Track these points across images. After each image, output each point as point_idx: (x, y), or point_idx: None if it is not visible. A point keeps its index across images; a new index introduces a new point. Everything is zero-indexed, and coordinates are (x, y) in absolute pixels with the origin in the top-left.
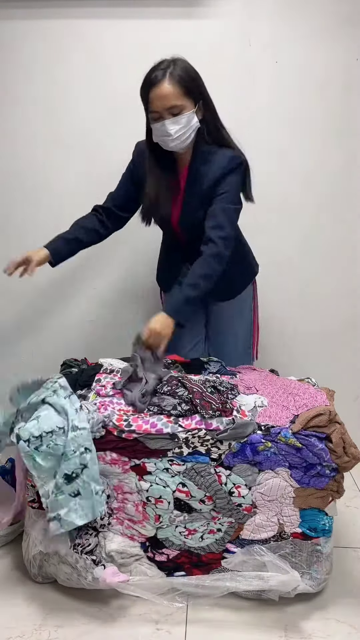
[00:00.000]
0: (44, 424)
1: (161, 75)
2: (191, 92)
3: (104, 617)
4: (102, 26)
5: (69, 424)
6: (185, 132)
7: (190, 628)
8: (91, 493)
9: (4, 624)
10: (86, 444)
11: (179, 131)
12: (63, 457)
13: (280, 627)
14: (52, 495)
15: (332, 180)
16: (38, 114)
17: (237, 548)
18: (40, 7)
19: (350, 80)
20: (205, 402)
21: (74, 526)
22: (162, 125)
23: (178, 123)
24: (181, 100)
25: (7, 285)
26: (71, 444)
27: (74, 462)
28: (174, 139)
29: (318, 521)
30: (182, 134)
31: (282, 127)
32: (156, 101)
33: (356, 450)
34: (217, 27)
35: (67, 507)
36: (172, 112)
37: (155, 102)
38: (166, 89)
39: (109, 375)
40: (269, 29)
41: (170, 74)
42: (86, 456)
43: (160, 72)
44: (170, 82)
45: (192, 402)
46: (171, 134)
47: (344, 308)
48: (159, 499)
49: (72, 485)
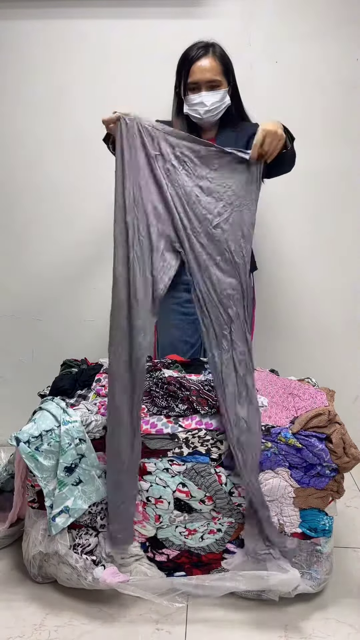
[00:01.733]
0: (42, 423)
1: (204, 51)
2: (228, 72)
3: (104, 617)
4: (102, 26)
5: (60, 420)
6: (219, 106)
7: (190, 628)
8: (93, 478)
9: (4, 624)
10: (79, 435)
11: (215, 104)
12: (60, 452)
13: (280, 627)
14: (57, 490)
15: (333, 180)
16: (38, 113)
17: (237, 548)
18: (41, 7)
19: (350, 80)
20: (202, 399)
21: (83, 511)
22: (199, 96)
23: (214, 96)
24: (220, 76)
25: (6, 285)
26: (65, 437)
27: (71, 454)
28: (208, 110)
29: (318, 521)
30: (215, 107)
31: None
32: (198, 73)
33: (356, 450)
34: (217, 27)
35: (72, 497)
36: (211, 84)
37: (197, 74)
38: (210, 63)
39: None
40: (269, 29)
41: (213, 52)
42: (82, 446)
43: (202, 49)
44: (213, 58)
45: (189, 398)
46: (207, 105)
47: (344, 308)
48: (159, 499)
49: (73, 475)
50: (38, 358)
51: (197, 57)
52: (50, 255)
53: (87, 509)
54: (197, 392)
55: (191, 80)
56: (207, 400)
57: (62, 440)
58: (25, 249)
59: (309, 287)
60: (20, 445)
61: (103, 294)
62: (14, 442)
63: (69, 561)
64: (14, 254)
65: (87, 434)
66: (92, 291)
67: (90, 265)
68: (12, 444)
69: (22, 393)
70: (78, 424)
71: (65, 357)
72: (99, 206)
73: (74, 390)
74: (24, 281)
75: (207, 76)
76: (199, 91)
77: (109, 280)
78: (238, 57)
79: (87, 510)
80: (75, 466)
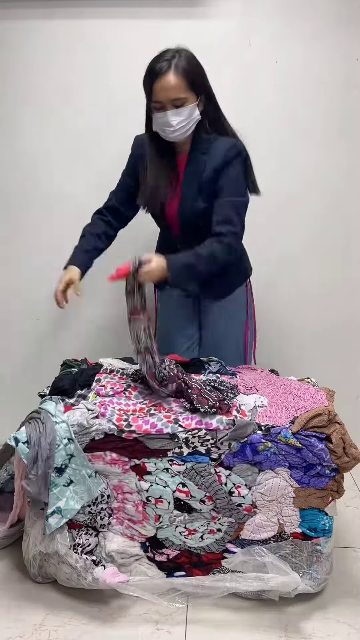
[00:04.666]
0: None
1: (166, 66)
2: (194, 85)
3: (104, 617)
4: (102, 26)
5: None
6: (187, 124)
7: (190, 628)
8: (84, 477)
9: (4, 624)
10: (67, 434)
11: (181, 123)
12: None
13: (281, 627)
14: (50, 491)
15: (333, 179)
16: (39, 113)
17: (237, 548)
18: (41, 7)
19: (350, 80)
20: (203, 398)
21: (75, 512)
22: (163, 116)
23: (180, 115)
24: (185, 92)
25: (6, 285)
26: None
27: (60, 455)
28: (174, 130)
29: (318, 521)
30: (183, 126)
31: (282, 127)
32: (160, 92)
33: (356, 450)
34: (217, 27)
35: (64, 497)
36: (175, 104)
37: (159, 94)
38: (171, 81)
39: (109, 375)
40: (269, 29)
41: (176, 66)
42: (70, 446)
43: (165, 63)
44: (175, 75)
45: (189, 396)
46: (173, 125)
47: (344, 308)
48: (159, 499)
49: (63, 476)
50: (38, 358)
51: (158, 74)
52: (50, 255)
53: (80, 509)
54: (198, 390)
55: (155, 99)
56: (207, 399)
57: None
58: (25, 248)
59: (309, 287)
60: (19, 445)
61: (103, 293)
62: (12, 442)
63: (69, 561)
64: (14, 253)
65: (86, 435)
66: (92, 291)
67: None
68: (11, 444)
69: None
70: (65, 424)
71: (65, 357)
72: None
73: (74, 390)
74: (24, 281)
75: (169, 95)
76: (164, 110)
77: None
78: (238, 57)
79: (85, 510)
80: (65, 467)
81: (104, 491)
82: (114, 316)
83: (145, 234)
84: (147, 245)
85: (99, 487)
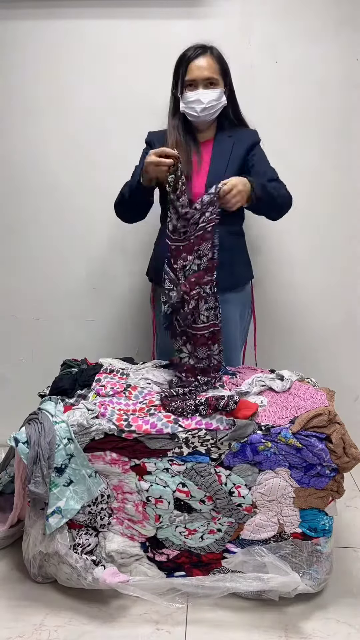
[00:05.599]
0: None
1: (203, 51)
2: (225, 73)
3: (104, 617)
4: (102, 26)
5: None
6: (215, 104)
7: (190, 628)
8: (84, 477)
9: (4, 624)
10: (67, 434)
11: (211, 102)
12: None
13: (281, 628)
14: (50, 491)
15: (332, 180)
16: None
17: (237, 548)
18: (42, 8)
19: (350, 80)
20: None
21: (75, 512)
22: (196, 94)
23: (212, 94)
24: (217, 75)
25: (6, 285)
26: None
27: (60, 455)
28: (204, 108)
29: (318, 521)
30: (212, 106)
31: (282, 127)
32: (196, 70)
33: (356, 450)
34: (217, 27)
35: (65, 497)
36: (209, 81)
37: (195, 72)
38: (208, 62)
39: (109, 375)
40: (269, 29)
41: (211, 52)
42: (70, 446)
43: (201, 49)
44: (211, 57)
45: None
46: (204, 102)
47: (344, 308)
48: (159, 499)
49: (63, 476)
50: (38, 358)
51: (195, 55)
52: (50, 255)
53: (80, 509)
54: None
55: (189, 77)
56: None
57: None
58: (25, 248)
59: (309, 287)
60: (19, 445)
61: (103, 293)
62: (12, 443)
63: (69, 561)
64: (14, 253)
65: (86, 435)
66: (92, 291)
67: (90, 265)
68: (11, 444)
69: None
70: (65, 424)
71: (65, 357)
72: (99, 206)
73: (74, 390)
74: (24, 281)
75: (204, 74)
76: (196, 89)
77: (108, 280)
78: (238, 57)
79: (85, 510)
80: (65, 466)
81: (104, 491)
82: (114, 316)
83: (145, 229)
84: (146, 249)
85: (99, 487)
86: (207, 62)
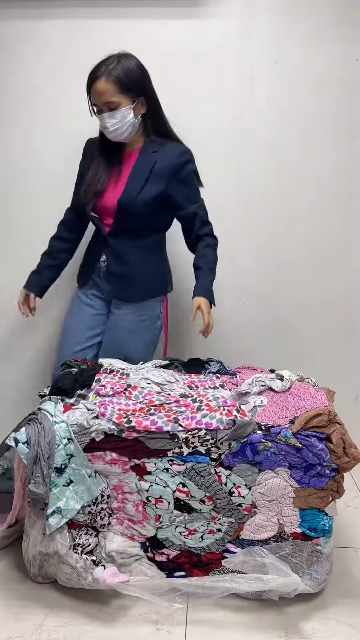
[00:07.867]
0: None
1: (100, 72)
2: (129, 90)
3: (104, 617)
4: (102, 26)
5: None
6: (121, 126)
7: (190, 628)
8: (84, 477)
9: (4, 624)
10: (67, 435)
11: (115, 125)
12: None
13: (281, 628)
14: (50, 491)
15: (332, 180)
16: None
17: (237, 548)
18: (40, 7)
19: (350, 81)
20: None
21: (75, 512)
22: (101, 119)
23: (113, 118)
24: (117, 97)
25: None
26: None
27: (60, 455)
28: (110, 132)
29: (318, 521)
30: (117, 128)
31: (282, 127)
32: (95, 95)
33: (356, 450)
34: (217, 27)
35: (64, 497)
36: (109, 107)
37: (95, 96)
38: (102, 86)
39: (109, 375)
40: (269, 29)
41: (109, 73)
42: (70, 446)
43: (101, 68)
44: (107, 80)
45: None
46: (108, 127)
47: (344, 308)
48: (159, 499)
49: (63, 476)
50: (38, 358)
51: (93, 79)
52: None
53: (80, 509)
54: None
55: (92, 101)
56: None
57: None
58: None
59: (309, 287)
60: (19, 446)
61: None
62: (12, 443)
63: (69, 561)
64: (14, 253)
65: (86, 435)
66: None
67: None
68: (11, 444)
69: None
70: (65, 424)
71: None
72: None
73: (74, 390)
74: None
75: (102, 99)
76: (101, 112)
77: None
78: (238, 57)
79: (85, 510)
80: (65, 466)
81: (104, 491)
82: None
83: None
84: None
85: (99, 487)
86: (103, 86)
